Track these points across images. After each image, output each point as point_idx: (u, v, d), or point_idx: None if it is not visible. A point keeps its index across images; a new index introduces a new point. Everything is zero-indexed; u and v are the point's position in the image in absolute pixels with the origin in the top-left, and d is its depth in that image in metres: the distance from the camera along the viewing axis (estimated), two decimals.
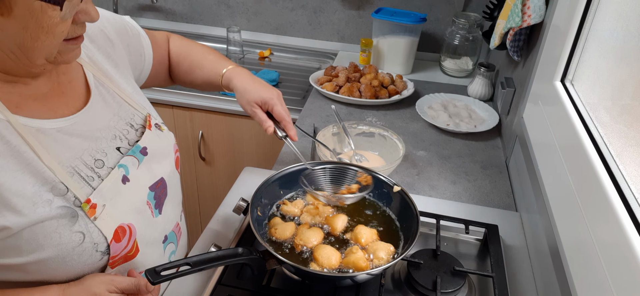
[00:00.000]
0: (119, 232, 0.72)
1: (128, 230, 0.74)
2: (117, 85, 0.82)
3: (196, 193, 1.97)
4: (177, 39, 1.08)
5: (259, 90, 1.00)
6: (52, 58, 0.65)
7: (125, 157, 0.77)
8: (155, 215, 0.81)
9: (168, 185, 0.86)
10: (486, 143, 1.44)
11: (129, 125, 0.81)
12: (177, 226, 0.91)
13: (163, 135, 0.87)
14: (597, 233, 0.68)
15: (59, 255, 0.66)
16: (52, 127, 0.68)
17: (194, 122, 1.80)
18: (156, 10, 2.27)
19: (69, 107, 0.72)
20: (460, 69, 1.92)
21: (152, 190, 0.81)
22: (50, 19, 0.59)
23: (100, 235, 0.69)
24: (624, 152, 0.71)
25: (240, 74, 1.02)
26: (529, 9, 1.26)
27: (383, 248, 0.83)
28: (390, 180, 0.96)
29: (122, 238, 0.72)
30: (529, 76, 1.23)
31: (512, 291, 0.90)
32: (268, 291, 0.83)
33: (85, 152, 0.71)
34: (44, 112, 0.68)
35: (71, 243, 0.66)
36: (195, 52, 1.06)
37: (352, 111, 1.59)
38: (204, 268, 0.73)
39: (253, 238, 0.94)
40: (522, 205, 1.14)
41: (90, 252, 0.68)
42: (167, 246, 0.86)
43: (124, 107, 0.82)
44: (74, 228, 0.66)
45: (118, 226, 0.72)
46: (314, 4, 2.10)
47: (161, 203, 0.83)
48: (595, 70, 0.90)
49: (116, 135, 0.77)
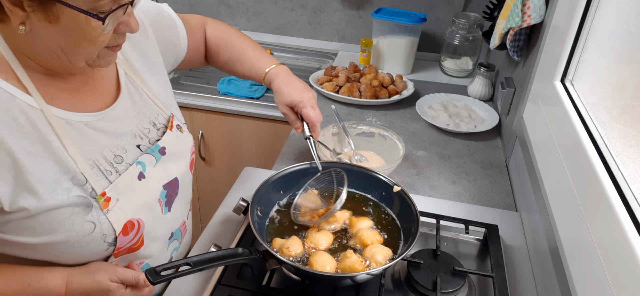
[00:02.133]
0: (128, 226, 0.75)
1: (137, 224, 0.77)
2: (146, 84, 0.86)
3: (196, 193, 1.97)
4: (214, 25, 1.10)
5: (291, 93, 1.03)
6: (92, 62, 0.69)
7: (144, 155, 0.80)
8: (164, 212, 0.84)
9: (180, 184, 0.88)
10: (486, 143, 1.44)
11: (152, 124, 0.84)
12: (183, 224, 0.93)
13: (182, 137, 0.90)
14: (597, 233, 0.68)
15: (69, 240, 0.69)
16: (80, 120, 0.72)
17: (194, 122, 1.80)
18: None
19: (99, 102, 0.77)
20: (460, 69, 1.92)
21: (165, 189, 0.83)
22: (94, 30, 0.63)
23: (110, 227, 0.72)
24: (624, 152, 0.71)
25: (278, 76, 1.06)
26: (529, 9, 1.26)
27: (381, 251, 0.83)
28: (390, 180, 0.96)
29: (129, 231, 0.75)
30: (529, 76, 1.23)
31: (512, 291, 0.90)
32: (268, 291, 0.83)
33: (106, 147, 0.75)
34: (75, 105, 0.72)
35: (82, 231, 0.70)
36: (236, 45, 1.09)
37: (352, 111, 1.59)
38: (204, 268, 0.74)
39: (253, 238, 0.94)
40: (522, 205, 1.14)
41: (98, 242, 0.72)
42: (171, 243, 0.89)
43: (150, 105, 0.85)
44: (87, 217, 0.70)
45: (128, 221, 0.75)
46: (314, 4, 2.10)
47: (171, 201, 0.86)
48: (595, 70, 0.90)
49: (137, 134, 0.81)
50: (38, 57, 0.67)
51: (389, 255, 0.83)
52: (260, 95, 1.76)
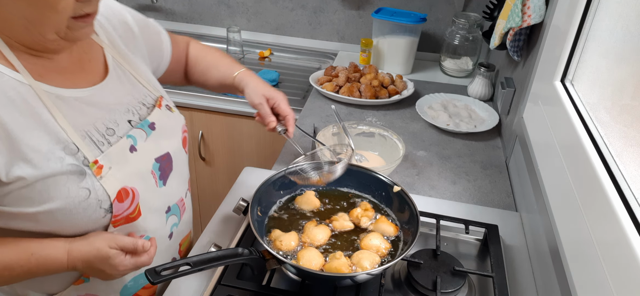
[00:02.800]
0: (122, 193, 0.78)
1: (131, 192, 0.79)
2: (134, 68, 0.90)
3: (196, 193, 1.97)
4: (197, 43, 1.18)
5: (268, 87, 1.09)
6: (63, 34, 0.71)
7: (134, 129, 0.84)
8: (159, 185, 0.87)
9: (174, 160, 0.91)
10: (486, 143, 1.44)
11: (141, 104, 0.88)
12: (182, 201, 0.95)
13: (172, 115, 0.94)
14: (597, 233, 0.68)
15: (67, 207, 0.72)
16: (71, 95, 0.76)
17: (194, 122, 1.80)
18: (156, 10, 2.27)
19: (88, 82, 0.80)
20: (460, 69, 1.92)
21: (158, 162, 0.86)
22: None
23: (105, 193, 0.75)
24: (624, 152, 0.71)
25: (252, 75, 1.12)
26: (529, 9, 1.26)
27: (368, 257, 0.82)
28: (390, 180, 0.96)
29: (124, 199, 0.78)
30: (529, 76, 1.23)
31: (512, 291, 0.90)
32: (268, 291, 0.83)
33: (98, 120, 0.79)
34: (64, 83, 0.76)
35: (78, 198, 0.73)
36: (212, 55, 1.16)
37: (352, 111, 1.59)
38: (204, 268, 0.74)
39: (253, 238, 0.94)
40: (522, 205, 1.14)
41: (95, 208, 0.75)
42: (169, 217, 0.90)
43: (138, 87, 0.89)
44: (82, 184, 0.73)
45: (121, 188, 0.78)
46: (314, 4, 2.10)
47: (166, 175, 0.89)
48: (595, 70, 0.90)
49: (129, 110, 0.85)
50: (13, 33, 0.70)
51: (376, 262, 0.82)
52: None
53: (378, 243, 0.86)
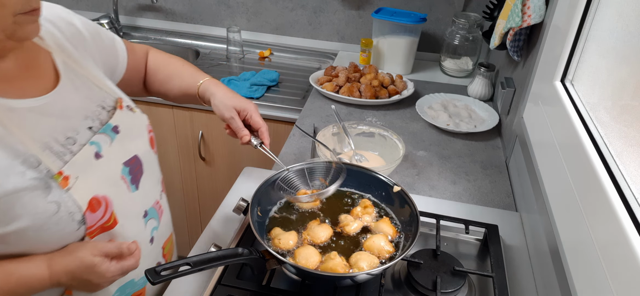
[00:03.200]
0: (94, 203, 0.74)
1: (103, 201, 0.76)
2: (87, 70, 0.84)
3: (196, 193, 1.97)
4: (157, 52, 1.11)
5: (238, 98, 1.01)
6: (10, 32, 0.67)
7: (97, 135, 0.80)
8: (132, 189, 0.83)
9: (143, 162, 0.87)
10: (486, 143, 1.44)
11: (101, 107, 0.83)
12: (157, 203, 0.92)
13: (135, 116, 0.89)
14: (597, 233, 0.68)
15: (36, 223, 0.69)
16: (23, 106, 0.71)
17: (194, 122, 1.80)
18: (156, 10, 2.27)
19: (38, 89, 0.75)
20: (460, 69, 1.92)
21: (127, 166, 0.83)
22: None
23: (75, 204, 0.72)
24: (624, 152, 0.71)
25: (218, 84, 1.04)
26: (529, 9, 1.26)
27: (366, 259, 0.82)
28: (390, 180, 0.96)
29: (97, 208, 0.75)
30: (529, 76, 1.23)
31: (512, 291, 0.90)
32: (268, 291, 0.83)
33: (56, 130, 0.74)
34: (13, 93, 0.71)
35: (46, 213, 0.69)
36: (174, 64, 1.09)
37: (352, 111, 1.59)
38: (204, 268, 0.73)
39: (253, 238, 0.94)
40: (522, 205, 1.14)
41: (67, 221, 0.71)
42: (148, 221, 0.88)
43: (95, 90, 0.84)
44: (49, 198, 0.69)
45: (92, 197, 0.74)
46: (314, 4, 2.10)
47: (137, 179, 0.85)
48: (595, 70, 0.90)
49: (88, 116, 0.80)
50: None
51: (374, 263, 0.82)
52: (260, 95, 1.76)
53: (382, 244, 0.86)
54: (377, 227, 0.90)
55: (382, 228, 0.90)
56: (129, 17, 2.29)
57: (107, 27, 2.16)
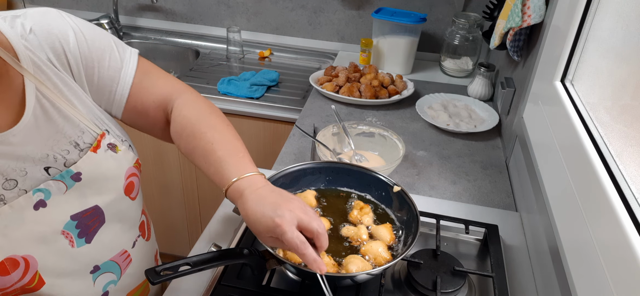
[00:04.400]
0: (7, 264, 0.65)
1: (22, 262, 0.67)
2: (67, 100, 0.71)
3: (196, 193, 1.97)
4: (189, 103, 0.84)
5: (264, 217, 0.70)
6: None
7: (50, 181, 0.69)
8: (76, 244, 0.73)
9: (106, 212, 0.77)
10: (486, 143, 1.44)
11: (74, 144, 0.72)
12: (123, 253, 0.81)
13: (113, 158, 0.76)
14: (597, 233, 0.68)
15: None
16: None
17: None
18: (156, 10, 2.27)
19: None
20: (460, 69, 1.92)
21: (75, 219, 0.72)
22: None
23: None
24: (624, 152, 0.71)
25: (243, 194, 0.75)
26: (529, 9, 1.26)
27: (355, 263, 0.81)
28: (390, 180, 0.96)
29: (11, 271, 0.66)
30: (529, 76, 1.23)
31: (512, 291, 0.90)
32: (268, 291, 0.83)
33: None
34: None
35: None
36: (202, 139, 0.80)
37: (352, 111, 1.59)
38: (204, 268, 0.73)
39: (253, 238, 0.94)
40: (522, 205, 1.14)
41: None
42: (98, 277, 0.78)
43: (73, 122, 0.72)
44: None
45: (6, 258, 0.65)
46: (314, 4, 2.10)
47: (90, 232, 0.75)
48: (595, 70, 0.90)
49: (49, 154, 0.69)
50: None
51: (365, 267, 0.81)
52: (260, 95, 1.76)
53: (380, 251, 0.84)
54: (376, 232, 0.90)
55: (381, 235, 0.89)
56: (129, 17, 2.29)
57: (107, 27, 2.16)
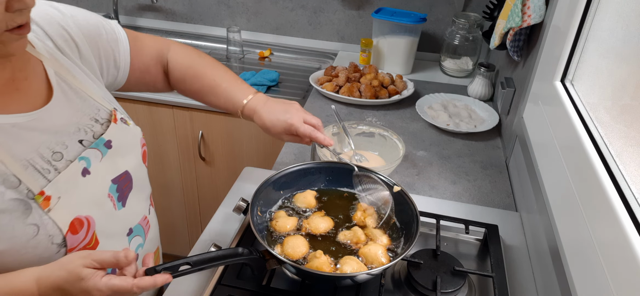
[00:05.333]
0: (76, 224, 0.71)
1: (86, 222, 0.73)
2: (80, 82, 0.80)
3: (196, 193, 1.97)
4: (180, 53, 1.02)
5: (276, 123, 0.99)
6: None
7: (88, 150, 0.76)
8: (118, 207, 0.80)
9: (133, 178, 0.85)
10: (486, 143, 1.44)
11: (94, 120, 0.80)
12: (145, 219, 0.89)
13: (129, 130, 0.86)
14: (597, 233, 0.68)
15: (14, 247, 0.65)
16: (7, 122, 0.67)
17: (194, 122, 1.80)
18: (156, 10, 2.27)
19: (28, 104, 0.71)
20: (460, 69, 1.92)
21: (115, 183, 0.80)
22: None
23: (55, 227, 0.68)
24: (624, 152, 0.71)
25: (256, 110, 1.01)
26: (529, 9, 1.26)
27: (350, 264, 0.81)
28: (390, 180, 0.96)
29: (79, 230, 0.71)
30: (529, 76, 1.23)
31: (512, 291, 0.90)
32: (268, 291, 0.84)
33: (42, 145, 0.70)
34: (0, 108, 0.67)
35: (25, 236, 0.65)
36: (206, 75, 1.02)
37: (352, 111, 1.59)
38: (204, 268, 0.73)
39: (253, 238, 0.94)
40: (522, 205, 1.14)
41: (46, 245, 0.68)
42: (132, 239, 0.85)
43: (89, 101, 0.80)
44: (28, 220, 0.66)
45: (74, 218, 0.71)
46: (314, 4, 2.10)
47: (125, 196, 0.82)
48: (595, 70, 0.90)
49: (80, 128, 0.76)
50: None
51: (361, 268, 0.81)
52: None
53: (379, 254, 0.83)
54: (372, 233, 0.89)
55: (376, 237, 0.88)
56: (129, 17, 2.29)
57: None
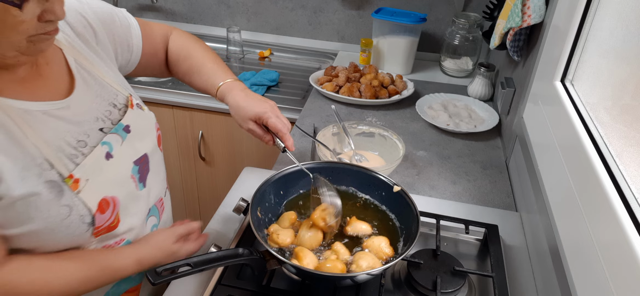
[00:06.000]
0: (103, 204, 0.75)
1: (112, 202, 0.77)
2: (98, 67, 0.84)
3: (196, 193, 1.97)
4: (179, 36, 1.07)
5: (253, 105, 0.98)
6: (24, 50, 0.67)
7: (109, 135, 0.80)
8: (139, 188, 0.85)
9: (151, 160, 0.88)
10: (486, 143, 1.44)
11: (112, 106, 0.83)
12: (161, 201, 0.93)
13: (144, 114, 0.90)
14: (597, 233, 0.68)
15: (48, 227, 0.70)
16: (38, 108, 0.71)
17: (194, 122, 1.80)
18: (156, 10, 2.27)
19: (51, 90, 0.75)
20: (460, 69, 1.92)
21: (137, 165, 0.84)
22: (13, 17, 0.62)
23: (85, 207, 0.72)
24: (624, 152, 0.71)
25: (233, 90, 1.00)
26: (529, 9, 1.26)
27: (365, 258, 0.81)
28: (390, 180, 0.96)
29: (106, 210, 0.76)
30: (529, 76, 1.23)
31: (512, 291, 0.90)
32: (268, 291, 0.84)
33: (68, 133, 0.74)
34: (26, 95, 0.71)
35: (59, 216, 0.70)
36: (195, 56, 1.05)
37: (352, 111, 1.59)
38: (205, 268, 0.74)
39: (253, 238, 0.94)
40: (522, 205, 1.14)
41: (77, 224, 0.72)
42: (149, 219, 0.89)
43: (107, 88, 0.84)
44: (61, 202, 0.70)
45: (102, 199, 0.75)
46: (314, 4, 2.10)
47: (145, 177, 0.87)
48: (595, 70, 0.90)
49: (98, 117, 0.80)
50: None
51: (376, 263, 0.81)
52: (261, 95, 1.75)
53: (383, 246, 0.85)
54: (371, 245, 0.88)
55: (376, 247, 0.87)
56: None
57: None
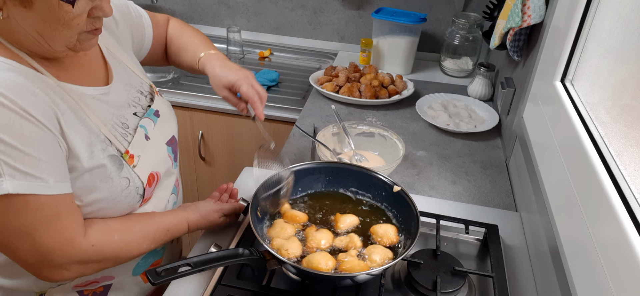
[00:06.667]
0: (150, 179, 0.85)
1: (156, 176, 0.87)
2: (124, 56, 0.92)
3: (196, 193, 1.97)
4: (176, 22, 1.13)
5: (227, 73, 1.00)
6: (72, 45, 0.73)
7: (143, 119, 0.88)
8: (174, 166, 0.95)
9: (176, 142, 0.97)
10: (486, 143, 1.44)
11: (139, 92, 0.91)
12: (177, 181, 1.00)
13: (165, 101, 0.99)
14: (597, 233, 0.68)
15: (111, 195, 0.78)
16: (90, 93, 0.79)
17: (194, 122, 1.79)
18: (156, 10, 2.26)
19: (93, 78, 0.82)
20: (460, 69, 1.92)
21: (169, 145, 0.93)
22: (66, 13, 0.67)
23: (139, 180, 0.82)
24: (624, 152, 0.71)
25: (212, 60, 1.02)
26: (529, 9, 1.26)
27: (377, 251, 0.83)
28: (390, 180, 0.96)
29: (152, 183, 0.86)
30: (529, 76, 1.23)
31: (512, 291, 0.90)
32: (268, 291, 0.84)
33: (115, 116, 0.83)
34: (75, 82, 0.78)
35: (120, 187, 0.79)
36: (186, 35, 1.10)
37: (352, 111, 1.59)
38: (205, 268, 0.74)
39: (253, 238, 0.94)
40: (522, 205, 1.14)
41: (133, 195, 0.81)
42: (171, 196, 0.96)
43: (132, 76, 0.91)
44: (122, 173, 0.79)
45: (150, 174, 0.85)
46: (314, 4, 2.10)
47: (177, 157, 0.96)
48: (595, 70, 0.90)
49: (130, 103, 0.87)
50: (22, 43, 0.70)
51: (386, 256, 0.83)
52: None
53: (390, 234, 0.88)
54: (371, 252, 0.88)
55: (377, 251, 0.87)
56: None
57: None
